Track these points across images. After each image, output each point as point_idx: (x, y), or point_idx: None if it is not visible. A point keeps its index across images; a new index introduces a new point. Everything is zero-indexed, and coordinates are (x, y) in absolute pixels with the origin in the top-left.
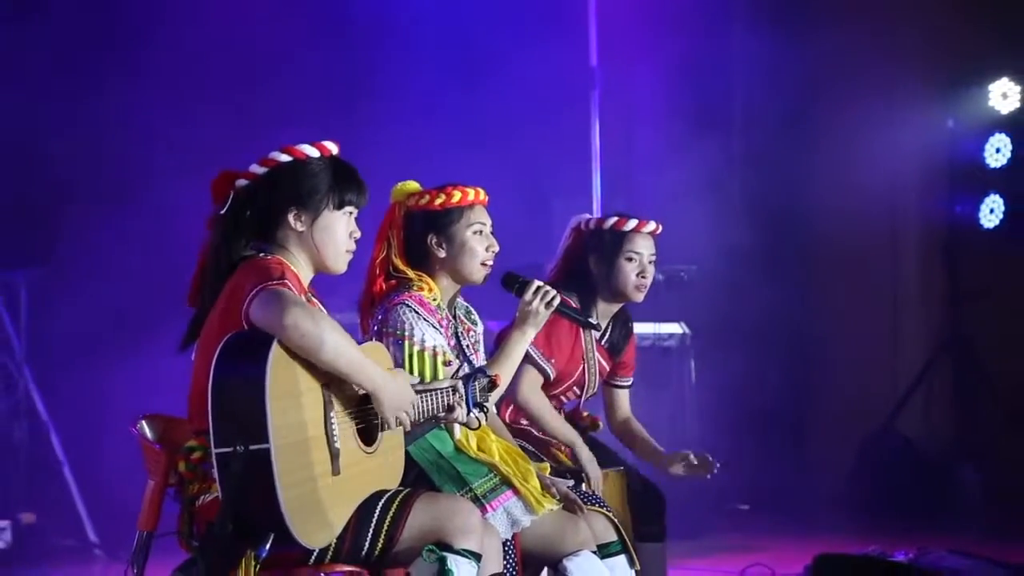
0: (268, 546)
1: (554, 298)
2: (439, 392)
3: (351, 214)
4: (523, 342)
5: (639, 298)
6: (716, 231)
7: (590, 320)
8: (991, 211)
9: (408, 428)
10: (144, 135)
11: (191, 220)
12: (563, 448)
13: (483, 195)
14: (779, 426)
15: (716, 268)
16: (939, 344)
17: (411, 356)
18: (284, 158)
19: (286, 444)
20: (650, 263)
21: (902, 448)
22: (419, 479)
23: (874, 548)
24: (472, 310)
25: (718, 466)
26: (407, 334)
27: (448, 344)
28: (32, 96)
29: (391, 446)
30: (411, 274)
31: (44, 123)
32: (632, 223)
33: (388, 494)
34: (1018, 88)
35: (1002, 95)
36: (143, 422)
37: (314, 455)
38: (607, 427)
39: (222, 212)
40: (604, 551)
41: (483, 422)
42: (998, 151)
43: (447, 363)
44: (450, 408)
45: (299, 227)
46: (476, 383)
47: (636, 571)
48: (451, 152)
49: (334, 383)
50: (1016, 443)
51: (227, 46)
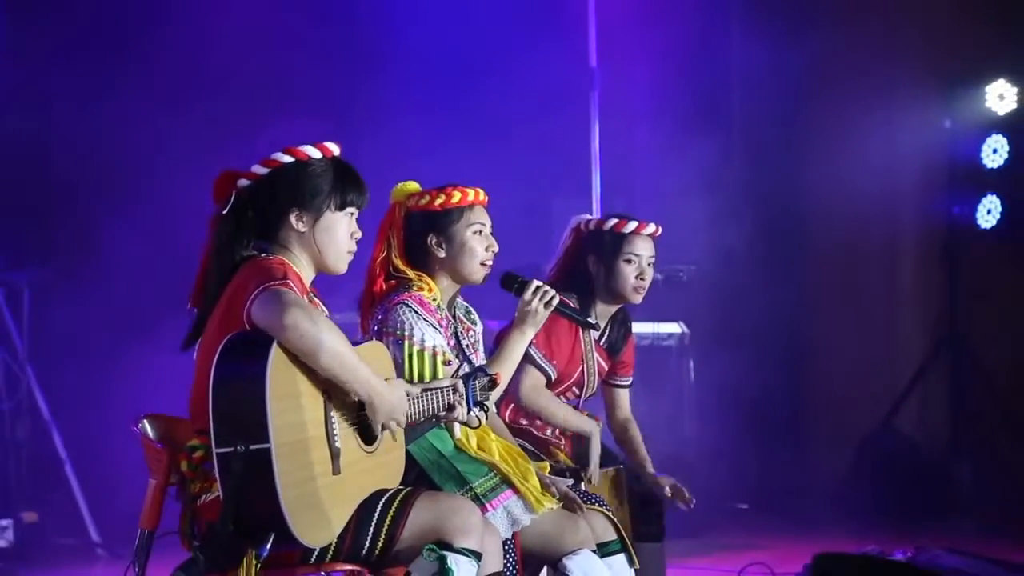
0: (269, 545)
1: (553, 298)
2: (439, 391)
3: (352, 215)
4: (522, 342)
5: (637, 300)
6: (715, 231)
7: (589, 320)
8: (988, 211)
9: (395, 438)
10: (146, 135)
11: (194, 220)
12: (563, 448)
13: (483, 195)
14: (778, 425)
15: (715, 268)
16: (937, 344)
17: (411, 356)
18: (286, 159)
19: (286, 444)
20: (649, 265)
21: (900, 447)
22: (419, 478)
23: (873, 547)
24: (472, 310)
25: (693, 503)
26: (407, 334)
27: (448, 344)
28: (33, 96)
29: (391, 446)
30: (411, 274)
31: (46, 123)
32: (632, 225)
33: (388, 493)
34: (1015, 89)
35: (999, 96)
36: (145, 421)
37: (314, 454)
38: (607, 426)
39: (224, 212)
40: (603, 550)
41: (483, 421)
42: (995, 152)
43: (447, 363)
44: (450, 407)
45: (301, 228)
46: (477, 382)
47: (635, 570)
48: (451, 152)
49: (334, 383)
50: (1014, 442)
51: (229, 47)
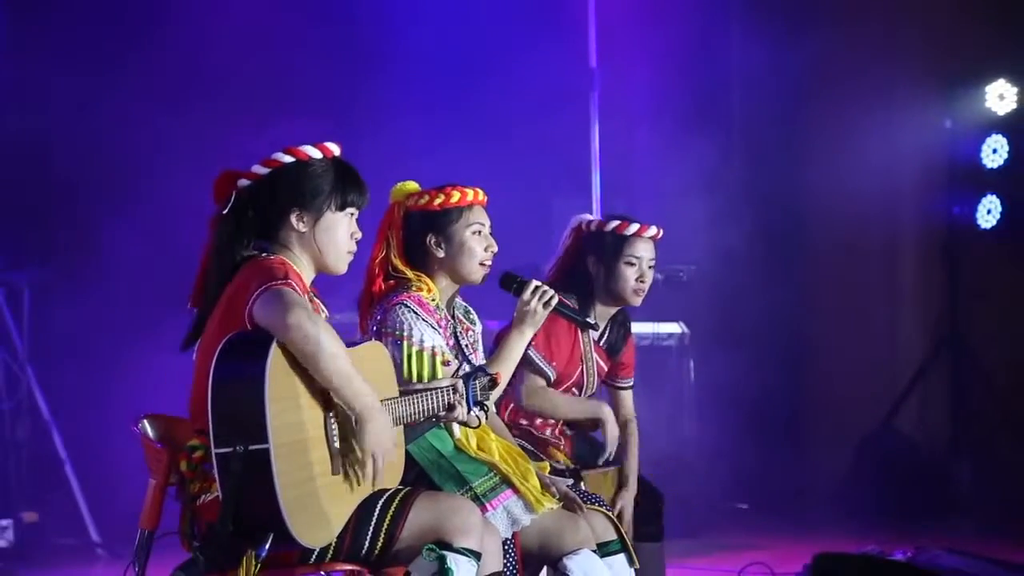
0: (268, 545)
1: (552, 298)
2: (439, 391)
3: (352, 215)
4: (522, 342)
5: (637, 302)
6: (715, 231)
7: (588, 320)
8: (988, 212)
9: (372, 475)
10: (146, 135)
11: (194, 220)
12: (563, 448)
13: (482, 195)
14: (778, 425)
15: (715, 268)
16: (937, 344)
17: (410, 356)
18: (287, 159)
19: (285, 444)
20: (649, 268)
21: (900, 447)
22: (419, 478)
23: (873, 547)
24: (471, 310)
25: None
26: (406, 334)
27: (447, 344)
28: (33, 96)
29: None
30: (410, 274)
31: (46, 123)
32: (634, 227)
33: (388, 493)
34: (1015, 89)
35: (999, 96)
36: (145, 421)
37: (313, 455)
38: None
39: (224, 212)
40: (603, 550)
41: (483, 421)
42: (995, 152)
43: (446, 363)
44: (450, 407)
45: (301, 228)
46: (476, 382)
47: (635, 570)
48: (451, 152)
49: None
50: (1014, 442)
51: (229, 47)
